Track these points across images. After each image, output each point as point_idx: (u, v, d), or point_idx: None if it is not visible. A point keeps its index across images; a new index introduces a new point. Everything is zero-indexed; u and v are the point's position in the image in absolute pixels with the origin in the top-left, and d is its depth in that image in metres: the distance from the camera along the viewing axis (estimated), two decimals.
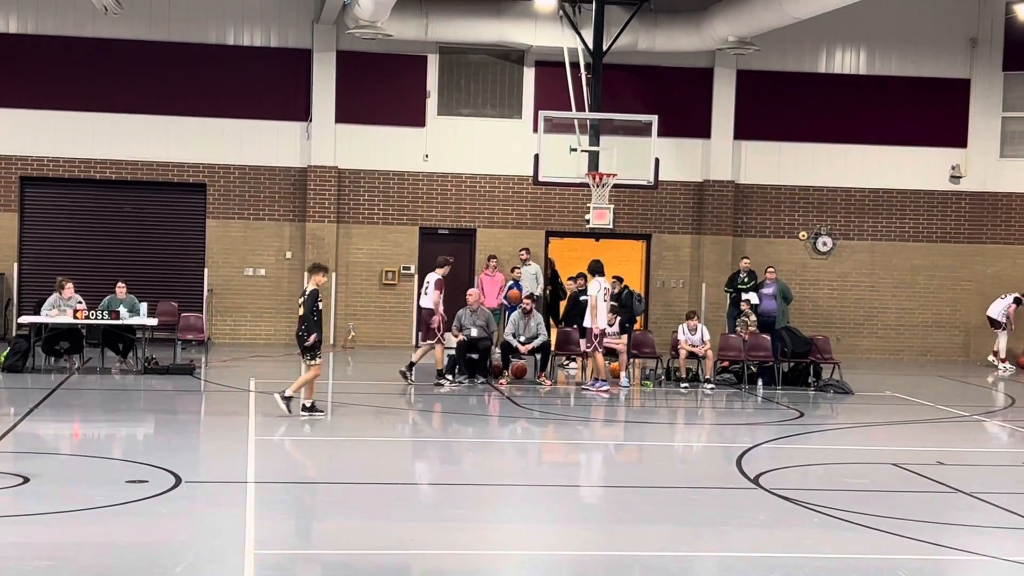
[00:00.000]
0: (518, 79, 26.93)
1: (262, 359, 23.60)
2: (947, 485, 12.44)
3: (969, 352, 27.92)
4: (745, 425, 17.44)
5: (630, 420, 18.00)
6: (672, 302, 27.01)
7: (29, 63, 25.80)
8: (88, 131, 25.89)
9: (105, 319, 20.42)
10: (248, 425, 15.20)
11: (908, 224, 27.92)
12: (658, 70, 27.05)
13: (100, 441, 14.98)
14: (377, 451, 14.50)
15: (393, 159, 26.65)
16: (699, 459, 15.15)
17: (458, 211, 26.87)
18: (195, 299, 26.06)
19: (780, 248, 27.51)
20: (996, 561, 9.48)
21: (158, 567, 8.52)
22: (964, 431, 16.95)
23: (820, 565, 9.12)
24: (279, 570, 8.66)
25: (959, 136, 27.89)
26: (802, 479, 13.05)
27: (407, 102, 26.65)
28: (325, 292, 26.02)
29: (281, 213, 26.50)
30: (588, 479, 13.55)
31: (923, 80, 27.76)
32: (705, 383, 20.72)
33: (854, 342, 27.52)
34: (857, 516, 10.69)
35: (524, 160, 24.35)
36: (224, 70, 26.26)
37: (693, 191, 27.40)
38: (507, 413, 17.66)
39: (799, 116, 27.56)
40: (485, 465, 13.93)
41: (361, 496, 11.61)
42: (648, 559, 9.35)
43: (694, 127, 27.19)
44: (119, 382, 19.72)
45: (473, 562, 9.23)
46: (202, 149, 26.21)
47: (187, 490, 11.17)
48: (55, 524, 9.85)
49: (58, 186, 26.15)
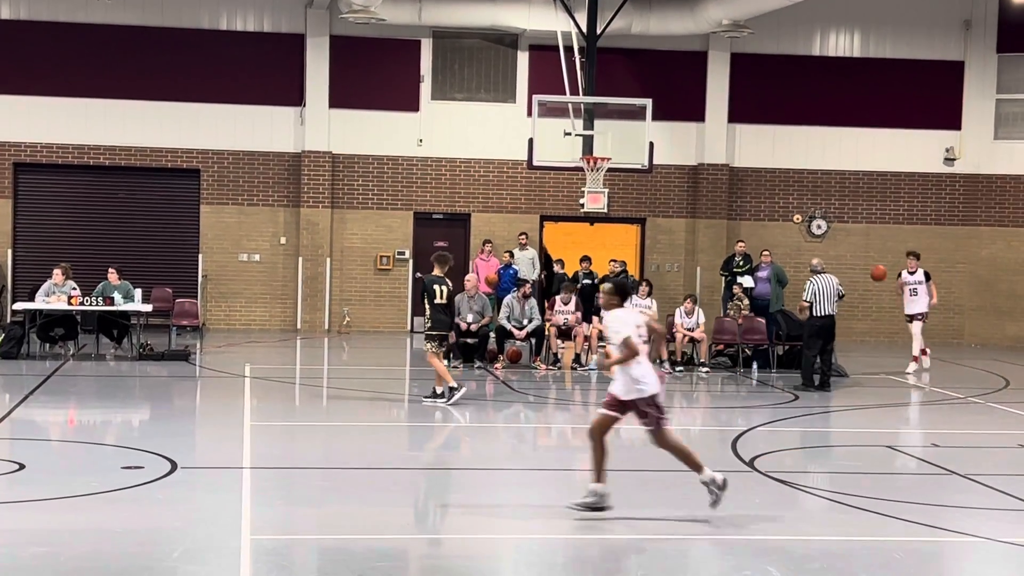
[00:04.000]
0: (512, 63, 26.89)
1: (257, 345, 23.60)
2: (942, 467, 12.46)
3: (963, 334, 27.97)
4: (740, 408, 17.46)
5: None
6: (667, 286, 27.01)
7: (22, 49, 25.72)
8: (81, 117, 25.83)
9: (100, 305, 20.40)
10: (244, 411, 15.20)
11: (902, 207, 27.93)
12: (652, 54, 27.01)
13: (95, 427, 14.98)
14: (373, 436, 14.51)
15: (387, 144, 26.62)
16: (694, 442, 15.10)
17: (452, 196, 26.85)
18: (190, 285, 26.04)
19: (775, 231, 27.51)
20: (991, 543, 9.50)
21: (154, 553, 8.52)
22: (959, 413, 16.97)
23: (815, 547, 9.14)
24: (275, 555, 8.67)
25: (953, 118, 27.89)
26: (797, 462, 13.08)
27: (401, 87, 26.60)
28: (322, 278, 26.05)
29: (275, 198, 26.46)
30: (582, 463, 13.55)
31: (917, 62, 27.74)
32: (700, 366, 20.75)
33: (849, 325, 27.51)
34: (852, 498, 10.72)
35: (518, 144, 24.33)
36: (217, 55, 26.20)
37: (687, 175, 27.39)
38: (502, 398, 17.67)
39: (793, 99, 27.54)
40: (481, 450, 13.94)
41: (357, 481, 11.62)
42: (644, 543, 9.37)
43: (688, 111, 27.17)
44: (114, 368, 19.71)
45: (469, 546, 9.25)
46: (196, 134, 26.17)
47: (183, 476, 11.17)
48: (51, 510, 9.85)
49: (52, 172, 26.10)
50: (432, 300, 16.28)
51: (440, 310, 16.31)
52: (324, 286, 26.43)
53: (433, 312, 16.29)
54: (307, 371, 21.62)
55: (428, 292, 16.30)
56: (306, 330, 26.31)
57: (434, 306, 16.28)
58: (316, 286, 26.45)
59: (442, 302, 16.29)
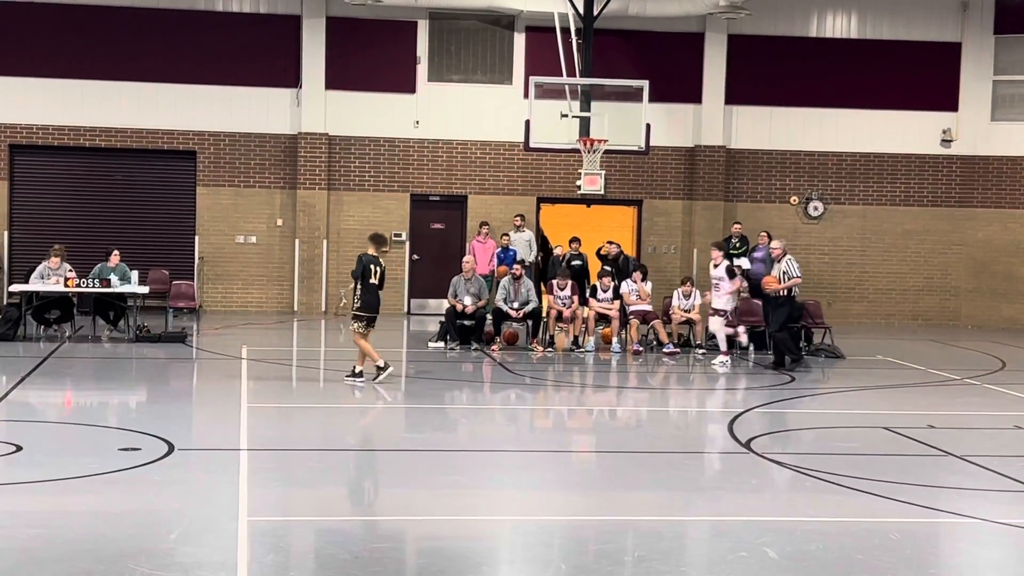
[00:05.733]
0: (508, 45, 26.84)
1: (254, 326, 23.60)
2: (938, 448, 12.48)
3: (960, 316, 27.99)
4: (737, 390, 17.47)
5: (622, 386, 18.02)
6: (664, 268, 27.01)
7: (17, 31, 25.66)
8: (77, 99, 25.78)
9: (96, 287, 20.39)
10: (240, 392, 15.21)
11: (899, 188, 27.92)
12: (649, 35, 26.96)
13: (92, 409, 14.98)
14: (370, 418, 14.52)
15: (384, 126, 26.58)
16: (691, 424, 15.18)
17: (449, 178, 26.82)
18: (186, 267, 26.03)
19: (771, 213, 27.50)
20: (987, 523, 9.53)
21: (151, 535, 8.53)
22: (955, 394, 16.99)
23: (812, 528, 9.15)
24: (272, 537, 8.68)
25: (950, 100, 27.87)
26: (794, 443, 13.10)
27: (397, 68, 26.55)
28: (319, 260, 26.07)
29: (272, 180, 26.43)
30: (580, 445, 13.58)
31: (914, 44, 27.70)
32: (697, 348, 20.77)
33: (845, 306, 27.58)
34: (848, 480, 10.73)
35: (515, 126, 24.28)
36: (214, 36, 26.13)
37: (684, 156, 27.36)
38: (499, 379, 17.68)
39: (790, 80, 27.51)
40: (478, 431, 13.95)
41: (353, 463, 11.63)
42: (641, 524, 9.38)
43: (685, 92, 27.13)
44: (111, 350, 19.70)
45: (466, 528, 9.26)
46: (192, 116, 26.12)
47: (180, 458, 11.18)
48: (48, 492, 9.85)
49: (48, 154, 26.05)
50: (367, 280, 16.17)
51: (372, 291, 16.21)
52: (321, 268, 26.42)
53: (364, 292, 16.15)
54: (304, 353, 21.63)
55: (364, 271, 16.13)
56: (303, 312, 26.31)
57: (367, 286, 16.16)
58: (313, 268, 26.43)
59: (375, 282, 16.23)
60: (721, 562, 8.31)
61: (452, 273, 21.47)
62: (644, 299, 21.24)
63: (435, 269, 26.33)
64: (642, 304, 21.15)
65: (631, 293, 21.13)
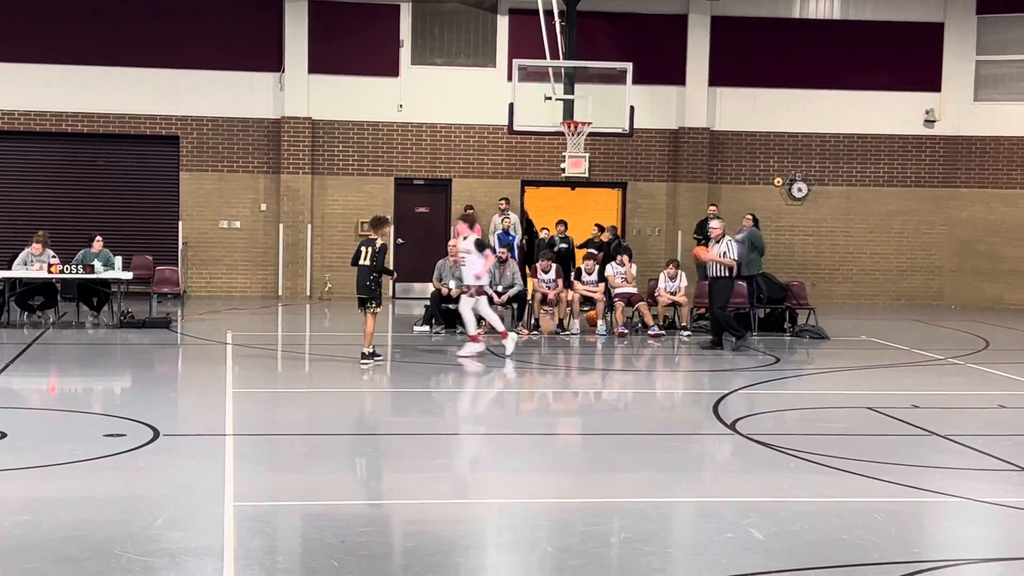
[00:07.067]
0: (492, 27, 26.79)
1: (238, 311, 23.56)
2: (922, 428, 12.52)
3: (943, 296, 28.08)
4: (721, 371, 17.49)
5: (607, 368, 18.04)
6: (648, 250, 27.04)
7: None
8: (58, 84, 25.66)
9: (80, 273, 20.32)
10: (225, 377, 15.19)
11: (883, 169, 27.98)
12: (632, 17, 26.94)
13: (77, 395, 14.95)
14: (355, 402, 14.51)
15: (367, 109, 26.53)
16: (676, 406, 15.21)
17: (433, 161, 26.79)
18: (170, 252, 25.98)
19: (755, 195, 27.54)
20: (971, 503, 9.56)
21: (137, 520, 8.51)
22: (939, 374, 17.05)
23: (797, 509, 9.18)
24: (259, 521, 8.67)
25: (933, 80, 27.91)
26: (778, 424, 13.12)
27: (380, 52, 26.49)
28: (303, 244, 26.04)
29: (255, 165, 26.37)
30: (565, 427, 13.59)
31: (897, 24, 27.73)
32: (682, 330, 20.80)
33: (829, 287, 27.64)
34: (833, 460, 10.76)
35: (499, 109, 24.26)
36: (195, 20, 26.03)
37: (668, 138, 27.37)
38: (484, 363, 17.67)
39: (774, 62, 27.52)
40: (463, 414, 13.96)
41: (340, 447, 11.63)
42: (626, 505, 9.40)
43: (669, 74, 27.13)
44: (95, 336, 19.65)
45: (452, 511, 9.26)
46: (174, 101, 26.03)
47: (165, 443, 11.16)
48: (33, 479, 9.83)
49: (29, 140, 25.94)
50: (355, 261, 16.44)
51: (359, 272, 16.40)
52: (305, 253, 26.39)
53: (357, 274, 16.45)
54: (289, 337, 21.60)
55: (355, 253, 16.54)
56: (287, 297, 26.27)
57: (357, 267, 16.42)
58: (297, 253, 26.39)
59: (364, 263, 16.34)
60: (707, 543, 8.33)
61: (437, 257, 21.45)
62: (630, 281, 21.26)
63: (420, 253, 26.30)
64: (627, 287, 21.17)
65: (616, 276, 21.14)
